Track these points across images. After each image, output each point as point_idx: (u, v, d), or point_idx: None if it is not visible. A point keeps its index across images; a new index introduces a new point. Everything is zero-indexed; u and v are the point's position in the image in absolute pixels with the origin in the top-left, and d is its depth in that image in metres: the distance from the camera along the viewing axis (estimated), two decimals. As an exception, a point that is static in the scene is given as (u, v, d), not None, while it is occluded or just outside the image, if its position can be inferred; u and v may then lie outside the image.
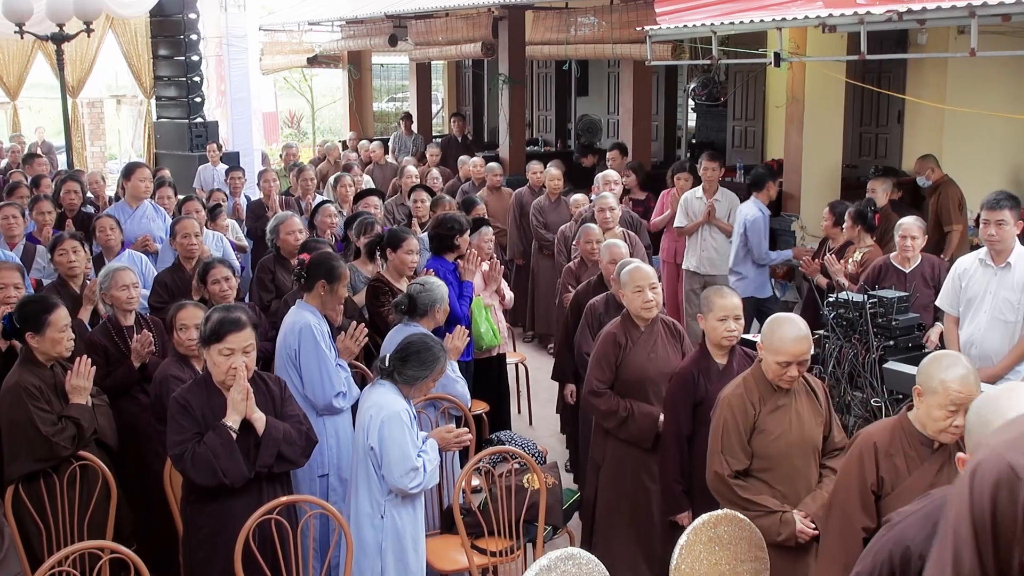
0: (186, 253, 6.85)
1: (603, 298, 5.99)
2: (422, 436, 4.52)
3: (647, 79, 12.36)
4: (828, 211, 7.79)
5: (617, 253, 6.25)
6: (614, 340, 5.14)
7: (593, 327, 5.78)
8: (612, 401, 5.12)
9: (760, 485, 4.13)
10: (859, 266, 7.13)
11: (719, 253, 9.05)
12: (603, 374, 5.15)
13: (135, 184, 8.43)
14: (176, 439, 4.06)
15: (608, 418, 5.14)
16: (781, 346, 4.04)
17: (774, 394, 4.15)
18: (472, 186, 11.31)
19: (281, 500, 4.12)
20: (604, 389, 5.15)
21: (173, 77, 14.72)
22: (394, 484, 4.30)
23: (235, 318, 4.18)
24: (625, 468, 5.19)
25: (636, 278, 5.12)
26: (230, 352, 4.11)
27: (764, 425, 4.13)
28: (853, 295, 5.24)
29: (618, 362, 5.14)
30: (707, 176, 9.06)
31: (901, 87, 11.34)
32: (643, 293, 5.09)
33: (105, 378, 5.37)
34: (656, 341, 5.16)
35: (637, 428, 5.07)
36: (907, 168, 11.49)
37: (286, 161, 13.75)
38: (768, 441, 4.12)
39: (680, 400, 4.69)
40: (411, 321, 5.45)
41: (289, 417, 4.30)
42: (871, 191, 8.15)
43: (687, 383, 4.68)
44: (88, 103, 19.51)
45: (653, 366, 5.11)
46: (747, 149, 13.43)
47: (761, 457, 4.14)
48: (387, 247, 6.42)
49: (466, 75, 19.25)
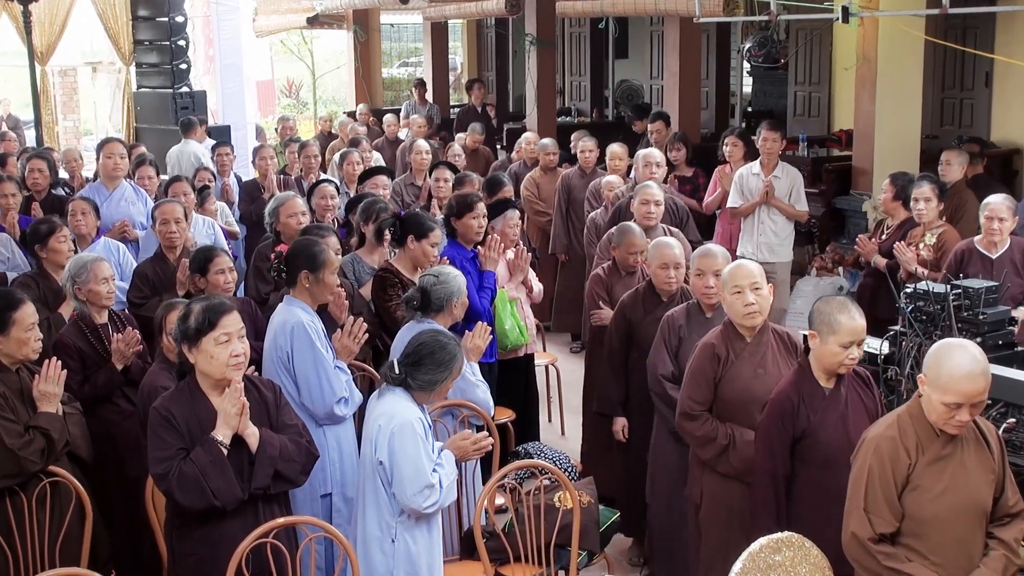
0: (167, 241, 6.86)
1: (683, 308, 5.58)
2: (437, 447, 4.52)
3: (695, 39, 12.28)
4: (889, 183, 7.71)
5: (670, 256, 5.89)
6: (713, 353, 4.87)
7: (671, 343, 5.46)
8: (710, 426, 4.85)
9: (910, 554, 3.79)
10: (934, 250, 7.06)
11: (779, 238, 8.99)
12: (700, 393, 4.89)
13: (104, 162, 8.48)
14: (159, 456, 4.06)
15: (705, 446, 4.87)
16: (950, 383, 3.67)
17: (936, 440, 3.80)
18: (523, 166, 11.26)
19: (278, 522, 4.12)
20: (700, 411, 4.89)
21: (155, 41, 14.78)
22: (407, 503, 4.31)
23: (220, 302, 4.23)
24: (728, 507, 4.85)
25: (736, 277, 4.83)
26: (227, 338, 4.12)
27: (921, 480, 3.79)
28: (933, 285, 5.19)
29: (718, 379, 4.87)
30: (766, 149, 9.00)
31: (990, 45, 11.22)
32: (743, 295, 4.80)
33: (83, 384, 5.40)
34: (765, 355, 4.87)
35: (740, 459, 4.77)
36: (997, 138, 11.39)
37: (283, 136, 13.78)
38: (925, 500, 3.78)
39: (777, 432, 4.42)
40: (424, 318, 5.44)
41: (286, 428, 4.30)
42: (945, 163, 8.09)
43: (785, 412, 4.41)
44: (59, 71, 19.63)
45: (760, 385, 4.79)
46: (811, 118, 13.35)
47: (914, 519, 3.79)
48: (409, 233, 6.36)
49: (488, 36, 19.23)
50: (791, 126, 13.19)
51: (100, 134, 19.57)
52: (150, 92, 15.01)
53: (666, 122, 11.20)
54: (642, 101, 15.98)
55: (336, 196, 8.11)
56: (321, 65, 24.75)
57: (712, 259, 5.35)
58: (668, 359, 5.40)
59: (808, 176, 10.05)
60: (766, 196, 8.92)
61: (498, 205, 7.15)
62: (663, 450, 5.55)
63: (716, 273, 5.23)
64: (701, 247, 5.60)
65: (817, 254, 9.99)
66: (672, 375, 5.38)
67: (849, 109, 11.35)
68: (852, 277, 9.32)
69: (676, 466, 5.39)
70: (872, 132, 10.31)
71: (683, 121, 11.76)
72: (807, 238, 10.33)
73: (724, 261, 5.31)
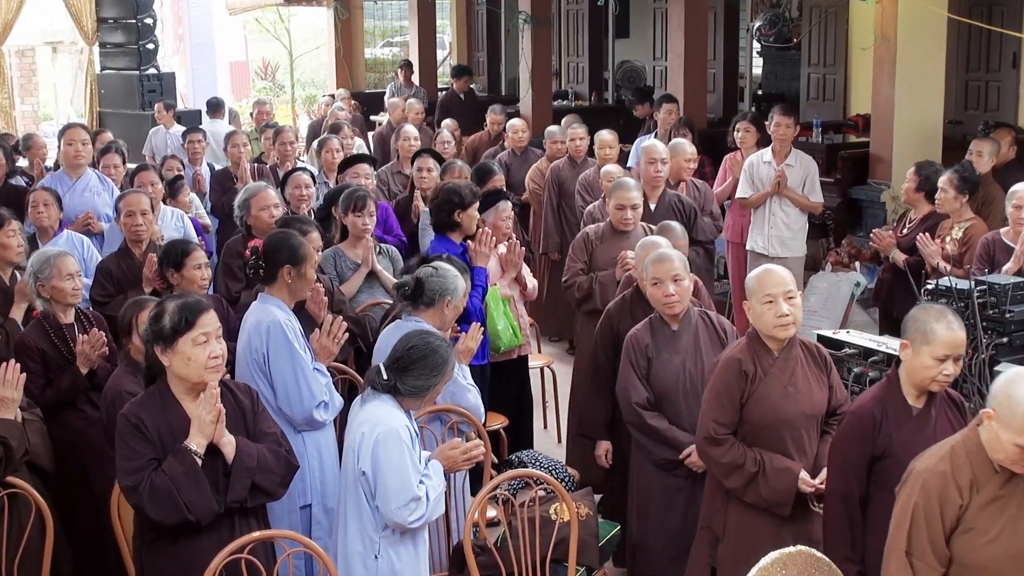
0: (132, 235, 6.85)
1: (646, 325, 5.49)
2: (424, 457, 4.53)
3: (702, 16, 12.29)
4: (913, 172, 7.70)
5: (665, 271, 5.41)
6: (739, 370, 4.71)
7: (639, 365, 5.40)
8: (736, 451, 4.71)
9: None
10: (960, 244, 7.08)
11: (791, 231, 9.00)
12: (725, 415, 4.73)
13: (65, 149, 8.45)
14: (128, 466, 4.05)
15: (731, 475, 4.72)
16: None
17: (994, 478, 3.61)
18: (513, 155, 11.19)
19: (254, 536, 4.13)
20: (725, 435, 4.73)
21: (120, 19, 14.78)
22: (391, 517, 4.31)
23: (196, 299, 4.22)
24: (758, 541, 4.59)
25: (767, 285, 4.68)
26: (206, 338, 4.11)
27: (975, 522, 3.60)
28: (957, 281, 5.21)
29: (744, 399, 4.72)
30: (778, 135, 9.01)
31: (1017, 23, 11.24)
32: (776, 305, 4.65)
33: (45, 388, 5.40)
34: (795, 370, 4.74)
35: (770, 489, 4.65)
36: (1025, 123, 11.42)
37: (258, 121, 13.77)
38: (979, 545, 3.59)
39: (853, 450, 4.25)
40: (412, 314, 5.43)
41: (265, 436, 4.30)
42: (975, 154, 8.08)
43: (866, 429, 4.23)
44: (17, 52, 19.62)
45: (791, 405, 4.69)
46: (825, 102, 13.38)
47: (964, 566, 3.62)
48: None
49: (479, 14, 19.24)
50: (804, 111, 13.21)
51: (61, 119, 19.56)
52: (115, 74, 15.02)
53: (676, 105, 11.15)
54: (644, 84, 15.99)
55: (311, 186, 8.08)
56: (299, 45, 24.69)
57: (669, 264, 5.36)
58: (640, 385, 5.37)
59: (822, 164, 10.05)
60: (777, 186, 8.94)
61: (489, 196, 7.12)
62: (646, 485, 5.50)
63: (675, 279, 5.30)
64: (654, 252, 5.53)
65: (832, 248, 9.99)
66: (648, 401, 5.36)
67: (866, 92, 11.35)
68: (870, 273, 9.33)
69: (661, 501, 5.42)
70: (891, 117, 10.31)
71: (689, 105, 11.76)
72: (821, 231, 10.34)
73: (681, 265, 5.37)
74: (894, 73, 10.21)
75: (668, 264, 5.37)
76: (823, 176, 9.65)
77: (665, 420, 5.34)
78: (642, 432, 5.38)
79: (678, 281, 5.32)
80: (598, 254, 6.98)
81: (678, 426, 5.32)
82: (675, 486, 5.40)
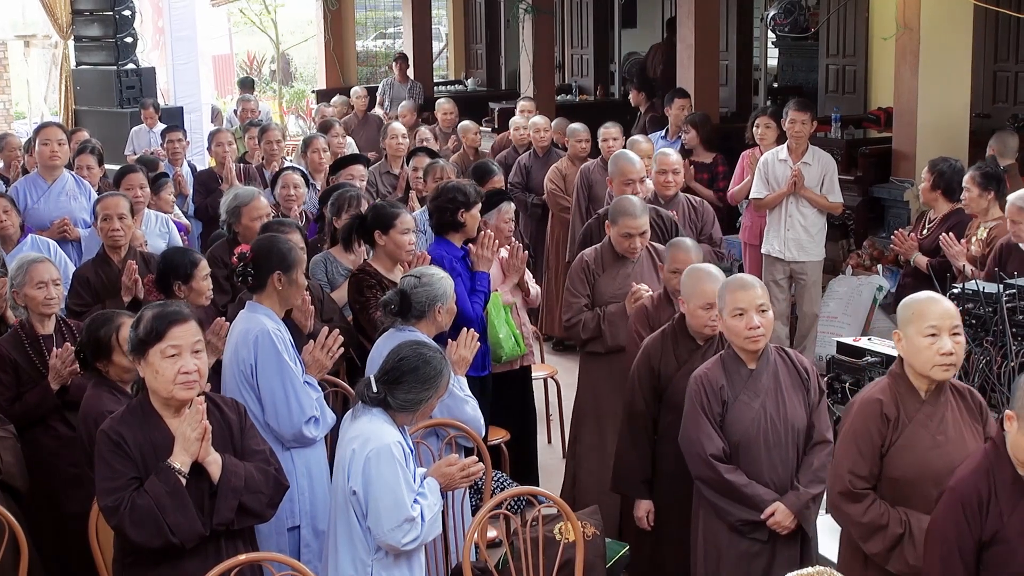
0: (111, 241, 6.81)
1: (717, 363, 5.01)
2: (420, 474, 4.54)
3: (713, 5, 12.31)
4: (927, 171, 7.67)
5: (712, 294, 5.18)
6: (880, 413, 4.37)
7: (712, 411, 4.92)
8: (877, 510, 4.35)
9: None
10: (985, 245, 7.08)
11: (809, 233, 8.97)
12: (865, 466, 4.38)
13: (40, 149, 8.40)
14: (109, 486, 4.05)
15: (873, 537, 4.37)
16: None
17: None
18: (514, 152, 11.18)
19: (240, 559, 4.13)
20: (866, 490, 4.38)
21: (96, 11, 14.77)
22: (383, 539, 4.33)
23: (175, 310, 4.20)
24: None
25: (930, 315, 4.30)
26: (176, 351, 4.09)
27: None
28: (984, 284, 5.21)
29: (885, 448, 4.38)
30: (793, 132, 8.99)
31: (1048, 10, 11.25)
32: (940, 340, 4.26)
33: (14, 402, 5.41)
34: (944, 417, 4.38)
35: (917, 554, 4.22)
36: (1056, 117, 11.42)
37: (243, 119, 13.79)
38: None
39: (956, 535, 3.87)
40: (405, 325, 5.45)
41: (253, 454, 4.31)
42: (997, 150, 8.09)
43: (970, 508, 3.84)
44: (-13, 46, 19.63)
45: (941, 459, 4.30)
46: (845, 95, 13.37)
47: None
48: (374, 228, 6.41)
49: (477, 2, 19.27)
50: (822, 104, 13.20)
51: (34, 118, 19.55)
52: (91, 69, 15.00)
53: (689, 101, 11.09)
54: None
55: (302, 186, 8.09)
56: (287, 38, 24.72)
57: (753, 292, 4.87)
58: (715, 434, 4.89)
59: (842, 161, 10.05)
60: (794, 186, 8.92)
61: (491, 197, 7.12)
62: (715, 550, 5.04)
63: (760, 309, 4.84)
64: (733, 279, 5.03)
65: (853, 250, 9.99)
66: (724, 453, 4.89)
67: (888, 85, 11.35)
68: (892, 276, 9.35)
69: (735, 570, 4.99)
70: (915, 111, 10.31)
71: (700, 99, 11.75)
72: (841, 232, 10.32)
73: (765, 293, 4.93)
74: (917, 64, 10.21)
75: (752, 292, 4.86)
76: (843, 174, 9.63)
77: (744, 475, 4.87)
78: (717, 490, 4.91)
79: (763, 312, 4.82)
80: (601, 285, 6.61)
81: (758, 480, 4.88)
82: (752, 551, 4.95)
